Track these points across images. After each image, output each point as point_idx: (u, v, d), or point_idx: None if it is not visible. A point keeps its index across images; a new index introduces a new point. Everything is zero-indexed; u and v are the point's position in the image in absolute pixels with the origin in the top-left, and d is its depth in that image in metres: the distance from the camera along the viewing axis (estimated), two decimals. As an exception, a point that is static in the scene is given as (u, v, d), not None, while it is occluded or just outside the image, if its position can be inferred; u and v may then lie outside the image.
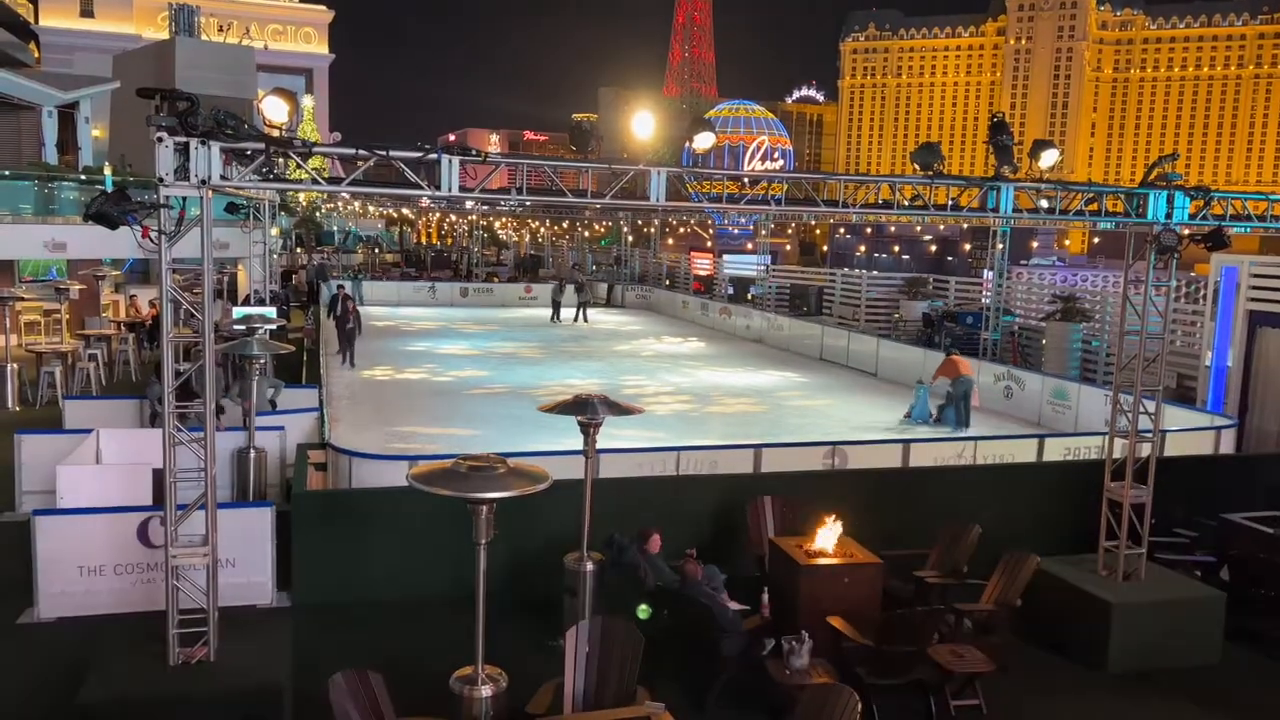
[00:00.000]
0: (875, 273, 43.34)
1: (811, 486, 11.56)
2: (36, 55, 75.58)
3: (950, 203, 10.64)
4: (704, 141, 8.83)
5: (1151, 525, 10.37)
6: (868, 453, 13.96)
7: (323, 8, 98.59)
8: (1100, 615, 9.60)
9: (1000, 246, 26.10)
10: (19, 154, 32.01)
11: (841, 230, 64.94)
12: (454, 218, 75.21)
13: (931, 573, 10.10)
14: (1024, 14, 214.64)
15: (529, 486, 6.64)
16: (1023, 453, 14.97)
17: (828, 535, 9.49)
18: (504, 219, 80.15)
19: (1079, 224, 41.34)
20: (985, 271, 32.60)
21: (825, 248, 74.89)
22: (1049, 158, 9.41)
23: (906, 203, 11.03)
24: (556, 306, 37.28)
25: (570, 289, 38.13)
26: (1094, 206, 10.68)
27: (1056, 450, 15.13)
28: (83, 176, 28.53)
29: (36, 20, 78.12)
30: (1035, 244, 53.69)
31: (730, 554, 10.75)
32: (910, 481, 12.63)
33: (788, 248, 78.46)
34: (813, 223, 75.11)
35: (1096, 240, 69.20)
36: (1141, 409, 10.33)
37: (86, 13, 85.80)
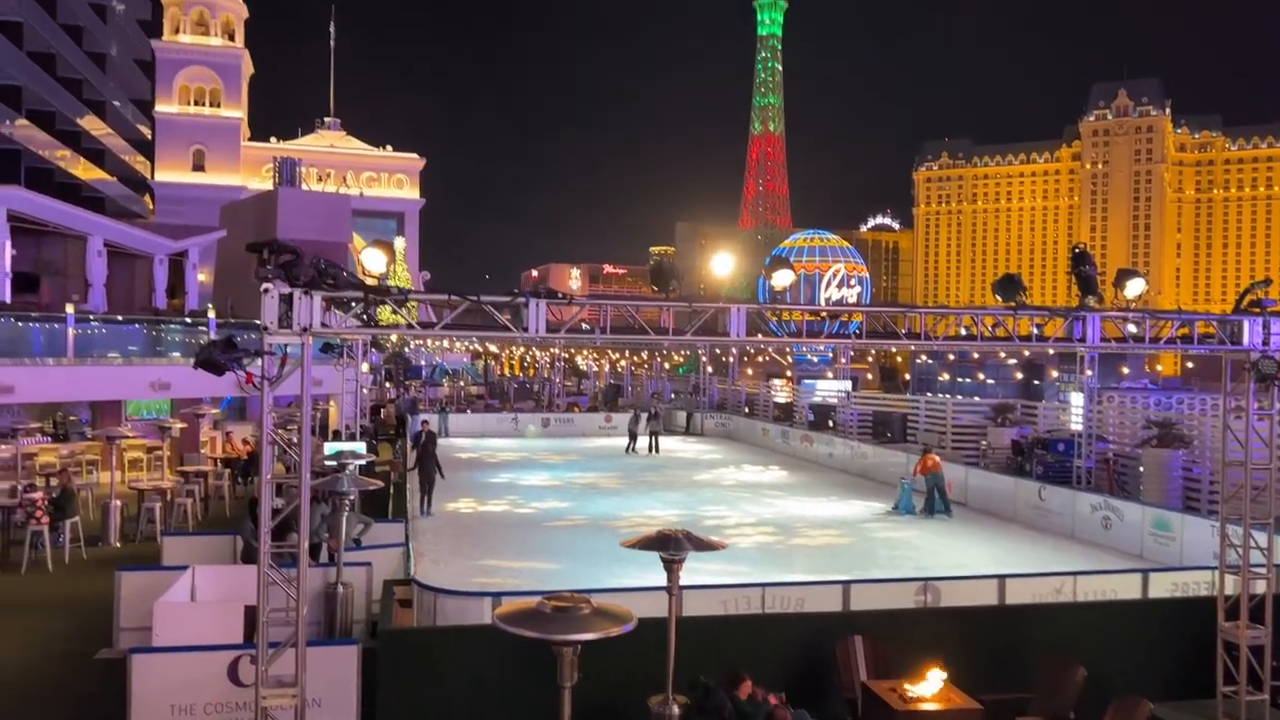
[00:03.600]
0: (960, 398, 42.57)
1: (904, 626, 11.17)
2: (151, 207, 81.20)
3: (1035, 331, 10.55)
4: (783, 279, 9.00)
5: (1273, 668, 9.72)
6: (962, 589, 13.46)
7: (414, 155, 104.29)
8: (1224, 769, 8.93)
9: (1089, 372, 25.51)
10: (131, 299, 34.05)
11: (922, 356, 64.44)
12: (536, 351, 76.87)
13: (1035, 719, 9.57)
14: (1099, 139, 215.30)
15: (613, 628, 6.59)
16: (1126, 588, 14.25)
17: (926, 681, 9.11)
18: (584, 350, 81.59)
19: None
20: (1074, 395, 31.77)
21: (907, 375, 74.00)
22: (1135, 287, 9.31)
23: (989, 333, 10.97)
24: (633, 436, 37.33)
25: (644, 418, 38.19)
26: (1185, 331, 10.48)
27: (1163, 585, 14.37)
28: (188, 320, 30.11)
29: (153, 175, 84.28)
30: (1126, 369, 52.29)
31: (820, 698, 10.36)
32: (1008, 619, 12.09)
33: (869, 376, 77.79)
34: (893, 349, 74.66)
35: (1190, 365, 67.07)
36: (1252, 542, 9.83)
37: (198, 167, 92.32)
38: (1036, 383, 60.53)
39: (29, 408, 26.57)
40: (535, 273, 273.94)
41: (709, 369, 51.62)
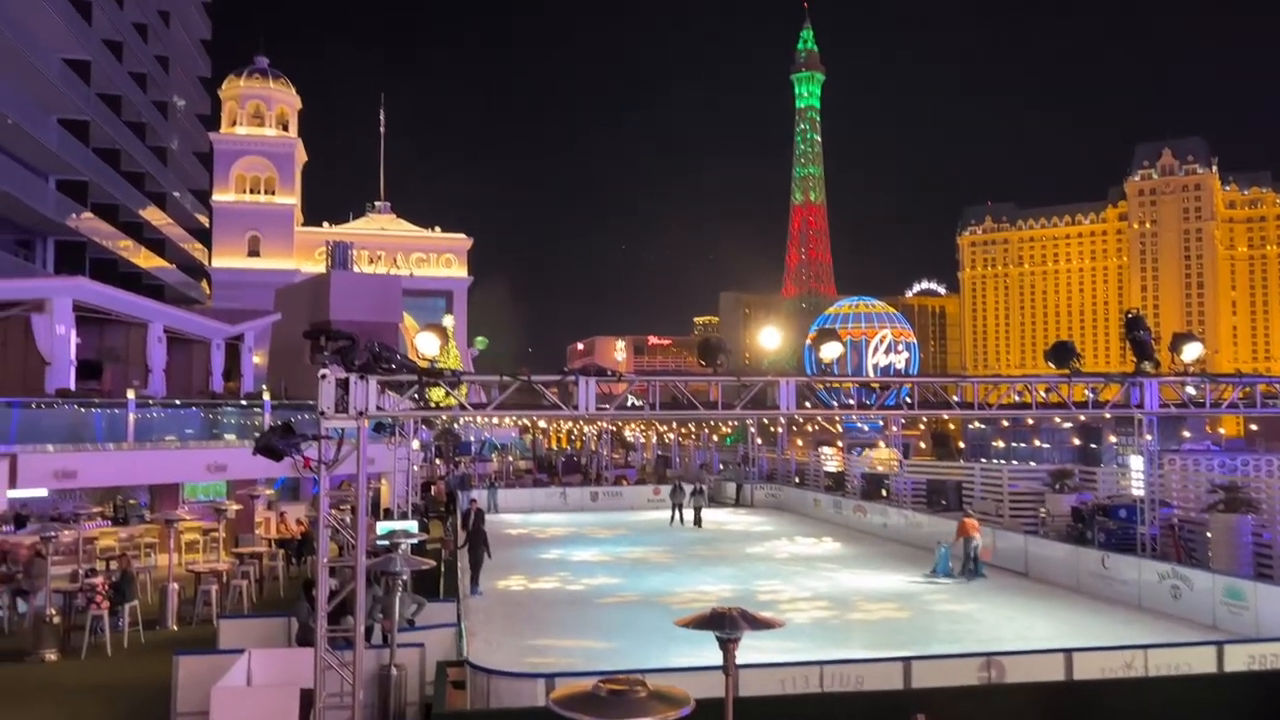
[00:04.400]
0: (1015, 464, 41.78)
1: (969, 703, 10.84)
2: (208, 293, 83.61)
3: (1090, 397, 10.40)
4: (831, 352, 9.00)
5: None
6: (1027, 663, 13.03)
7: (462, 235, 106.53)
8: None
9: (1149, 436, 24.95)
10: (189, 383, 34.85)
11: (976, 423, 63.47)
12: (583, 423, 77.03)
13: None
14: (1145, 199, 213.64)
15: (670, 711, 6.47)
16: (1200, 662, 13.70)
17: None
18: (632, 423, 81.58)
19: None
20: (1134, 459, 30.97)
21: (961, 443, 72.80)
22: (1191, 351, 9.17)
23: (1043, 397, 10.83)
24: (676, 508, 37.17)
25: (687, 490, 37.80)
26: (1246, 394, 10.27)
27: (1239, 658, 13.80)
28: (244, 402, 30.69)
29: (210, 262, 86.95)
30: (1187, 432, 50.94)
31: (884, 780, 10.06)
32: (1078, 696, 11.68)
33: (921, 444, 76.58)
34: (945, 415, 73.61)
35: (1254, 425, 65.24)
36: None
37: (253, 252, 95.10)
38: (1094, 446, 59.22)
39: (90, 492, 27.13)
40: (580, 346, 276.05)
41: (757, 440, 51.27)
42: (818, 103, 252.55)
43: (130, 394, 26.41)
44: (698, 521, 36.28)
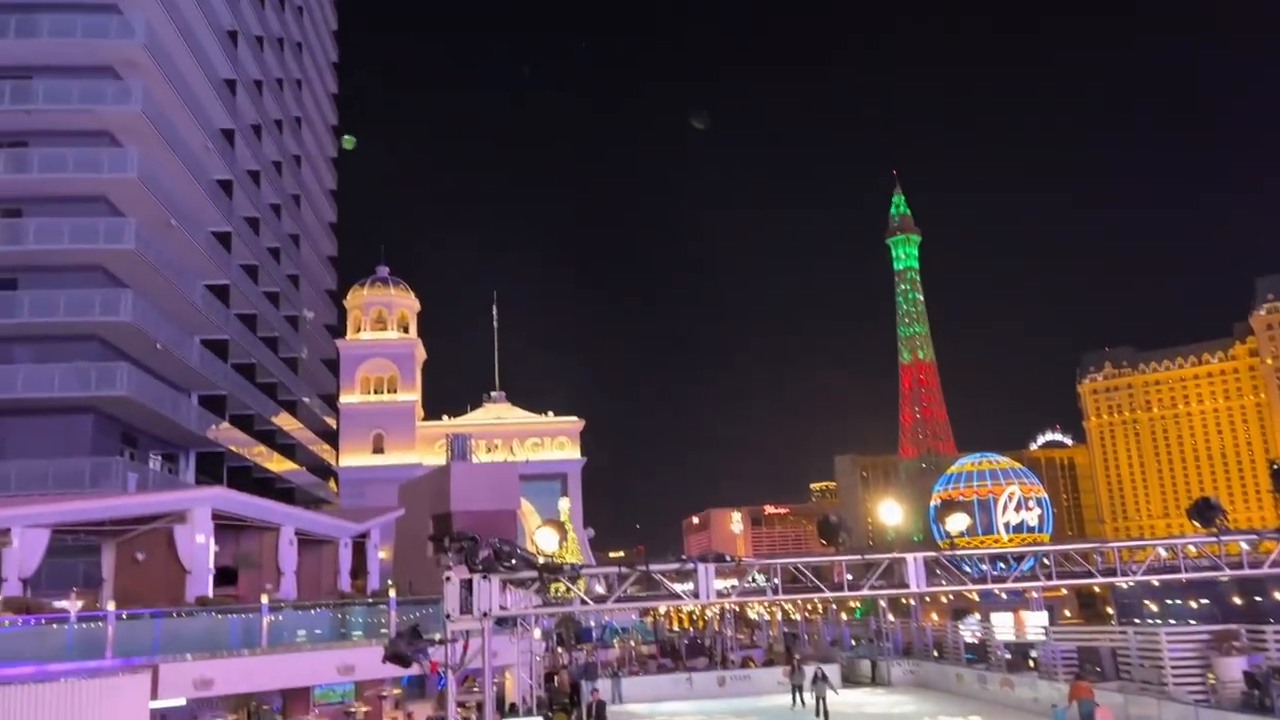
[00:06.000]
0: (1172, 623, 38.79)
1: None
2: (335, 491, 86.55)
3: (1245, 551, 9.77)
4: (957, 524, 8.80)
5: None
6: None
7: (574, 418, 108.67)
8: None
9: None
10: (318, 584, 35.62)
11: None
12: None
13: None
14: (1275, 332, 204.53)
15: None
16: None
17: None
18: (754, 601, 79.18)
19: None
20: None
21: (1109, 608, 67.99)
22: (1350, 500, 8.57)
23: (1194, 552, 10.22)
24: (796, 690, 35.27)
25: (808, 674, 35.30)
26: None
27: None
28: (370, 600, 31.13)
29: (337, 461, 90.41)
30: (1364, 579, 46.58)
31: None
32: None
33: (1067, 612, 71.71)
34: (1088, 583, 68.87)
35: None
36: None
37: (377, 450, 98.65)
38: (1259, 600, 54.45)
39: (225, 699, 27.50)
40: (695, 519, 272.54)
41: (889, 615, 48.96)
42: (916, 263, 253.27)
43: (264, 598, 27.11)
44: (823, 712, 31.82)
